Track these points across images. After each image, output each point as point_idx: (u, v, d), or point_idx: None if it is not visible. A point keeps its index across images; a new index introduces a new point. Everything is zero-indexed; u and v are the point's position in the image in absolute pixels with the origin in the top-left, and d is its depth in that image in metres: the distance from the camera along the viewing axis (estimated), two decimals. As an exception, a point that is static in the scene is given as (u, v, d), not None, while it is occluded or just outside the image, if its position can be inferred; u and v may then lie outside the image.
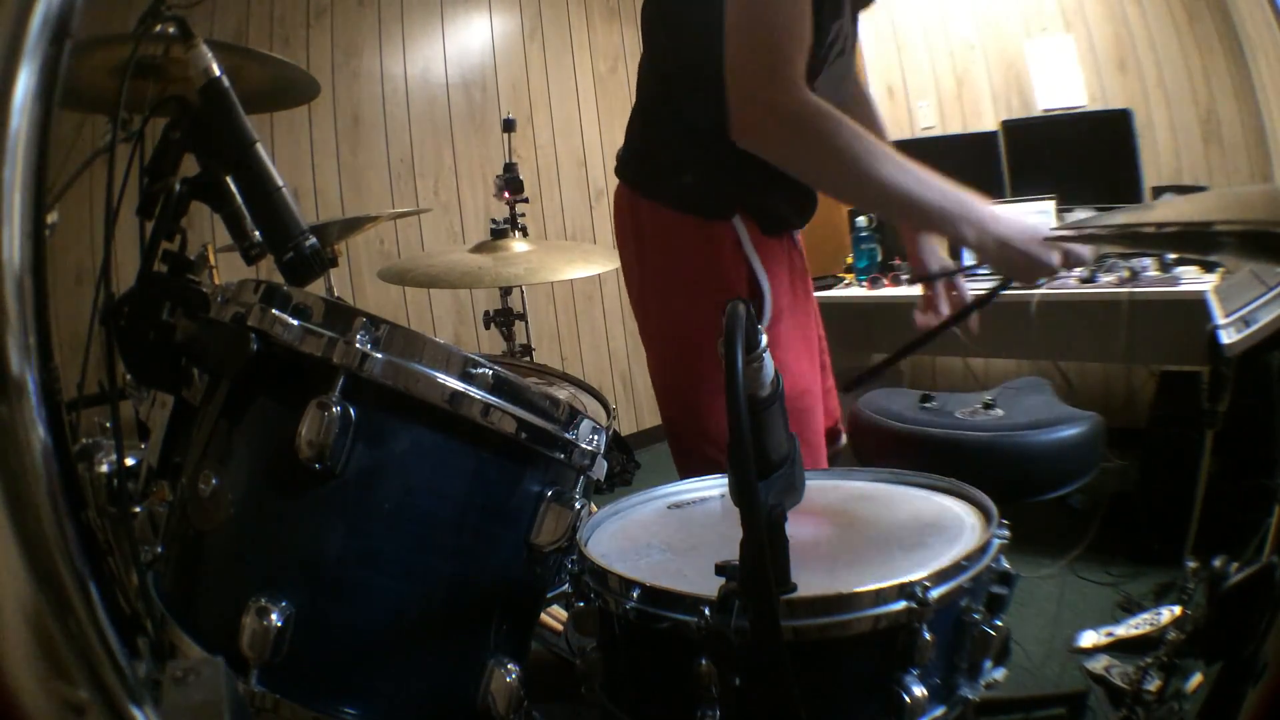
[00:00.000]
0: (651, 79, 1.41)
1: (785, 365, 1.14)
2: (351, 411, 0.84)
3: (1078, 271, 2.76)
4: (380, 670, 0.87)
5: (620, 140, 1.45)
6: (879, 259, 3.37)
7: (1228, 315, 1.14)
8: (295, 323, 0.86)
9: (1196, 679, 1.25)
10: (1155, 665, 1.32)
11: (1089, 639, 1.96)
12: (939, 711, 0.82)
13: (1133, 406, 3.08)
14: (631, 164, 1.41)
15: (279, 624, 0.81)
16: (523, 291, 3.15)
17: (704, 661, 0.76)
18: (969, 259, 1.34)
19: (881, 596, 0.79)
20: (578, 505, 0.94)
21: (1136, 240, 1.03)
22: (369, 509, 0.86)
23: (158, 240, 0.95)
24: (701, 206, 1.32)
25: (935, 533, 0.96)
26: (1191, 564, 1.40)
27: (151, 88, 1.13)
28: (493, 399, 0.88)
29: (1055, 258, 1.16)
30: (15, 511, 0.49)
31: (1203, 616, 0.96)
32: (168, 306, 0.93)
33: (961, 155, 3.33)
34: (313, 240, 0.97)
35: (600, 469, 1.00)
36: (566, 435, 0.94)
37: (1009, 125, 3.23)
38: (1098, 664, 1.82)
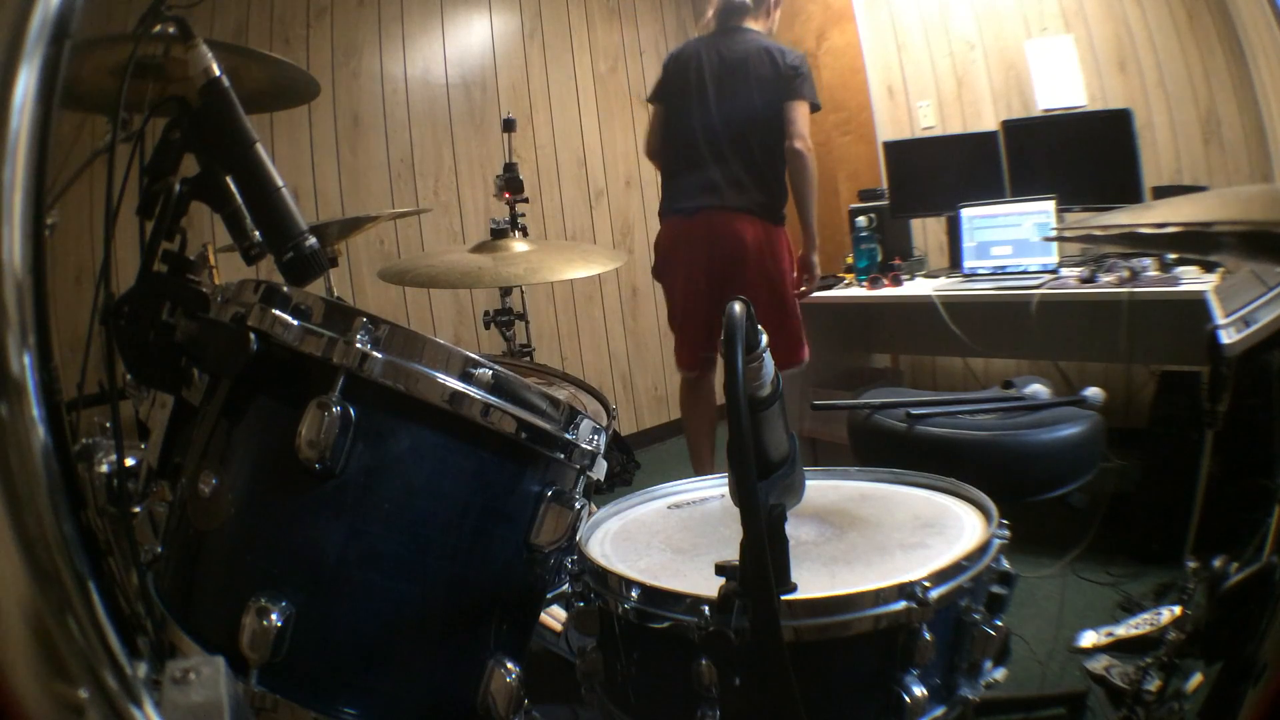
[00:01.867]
0: (754, 150, 2.77)
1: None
2: (352, 411, 0.84)
3: (1078, 271, 2.76)
4: (380, 670, 0.87)
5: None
6: (879, 259, 3.37)
7: (1228, 315, 1.14)
8: (295, 323, 0.86)
9: (1196, 679, 1.25)
10: (1155, 665, 1.32)
11: (1089, 639, 1.96)
12: (939, 711, 0.82)
13: (1133, 406, 3.08)
14: (760, 205, 2.79)
15: (279, 624, 0.81)
16: (523, 291, 3.15)
17: (704, 661, 0.76)
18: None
19: (881, 596, 0.79)
20: (578, 505, 0.94)
21: (1136, 240, 1.03)
22: (369, 509, 0.86)
23: (158, 240, 0.95)
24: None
25: (935, 533, 0.96)
26: (1191, 564, 1.40)
27: (151, 88, 1.13)
28: (492, 399, 0.88)
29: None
30: (15, 511, 0.49)
31: (1203, 616, 0.96)
32: (168, 306, 0.93)
33: (961, 155, 3.32)
34: (313, 240, 0.97)
35: (600, 469, 1.00)
36: (566, 435, 0.94)
37: (1009, 125, 3.22)
38: (1098, 664, 1.82)
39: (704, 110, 2.76)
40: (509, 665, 0.93)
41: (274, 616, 0.81)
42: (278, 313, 0.86)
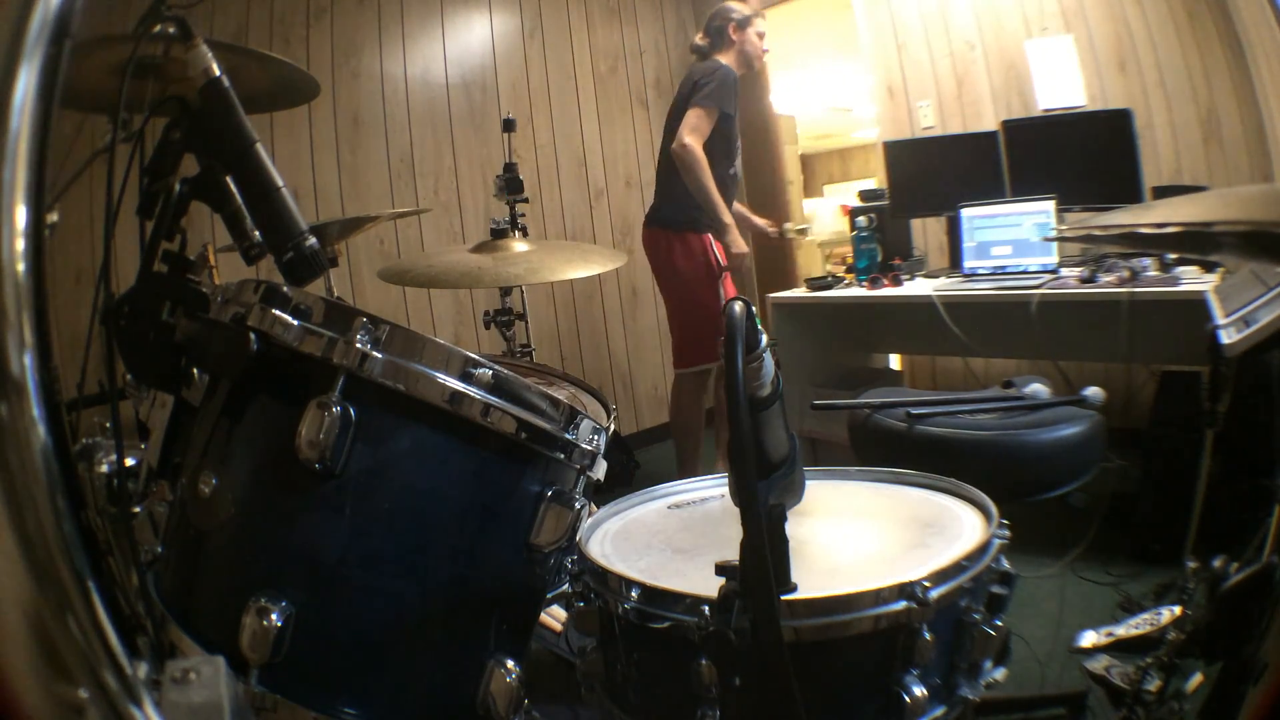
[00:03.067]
0: (665, 169, 3.15)
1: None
2: (352, 411, 0.84)
3: (1078, 271, 2.76)
4: (380, 670, 0.87)
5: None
6: (879, 259, 3.37)
7: (1228, 315, 1.14)
8: (295, 323, 0.86)
9: (1196, 679, 1.25)
10: (1155, 665, 1.32)
11: (1089, 639, 1.96)
12: (939, 711, 0.82)
13: (1133, 406, 3.08)
14: (662, 217, 3.20)
15: (279, 624, 0.81)
16: (523, 291, 3.15)
17: (704, 661, 0.76)
18: None
19: (881, 596, 0.79)
20: (578, 505, 0.94)
21: (1136, 240, 1.03)
22: (369, 509, 0.86)
23: (158, 240, 0.95)
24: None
25: (935, 533, 0.96)
26: (1191, 564, 1.40)
27: (151, 88, 1.13)
28: (493, 399, 0.88)
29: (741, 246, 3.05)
30: (15, 511, 0.49)
31: (1203, 616, 0.96)
32: (168, 306, 0.93)
33: (961, 155, 3.32)
34: (313, 240, 0.96)
35: (600, 469, 1.00)
36: (566, 435, 0.94)
37: (1009, 125, 3.22)
38: (1098, 664, 1.82)
39: (664, 142, 3.19)
40: (509, 665, 0.93)
41: (274, 616, 0.81)
42: (278, 313, 0.86)
